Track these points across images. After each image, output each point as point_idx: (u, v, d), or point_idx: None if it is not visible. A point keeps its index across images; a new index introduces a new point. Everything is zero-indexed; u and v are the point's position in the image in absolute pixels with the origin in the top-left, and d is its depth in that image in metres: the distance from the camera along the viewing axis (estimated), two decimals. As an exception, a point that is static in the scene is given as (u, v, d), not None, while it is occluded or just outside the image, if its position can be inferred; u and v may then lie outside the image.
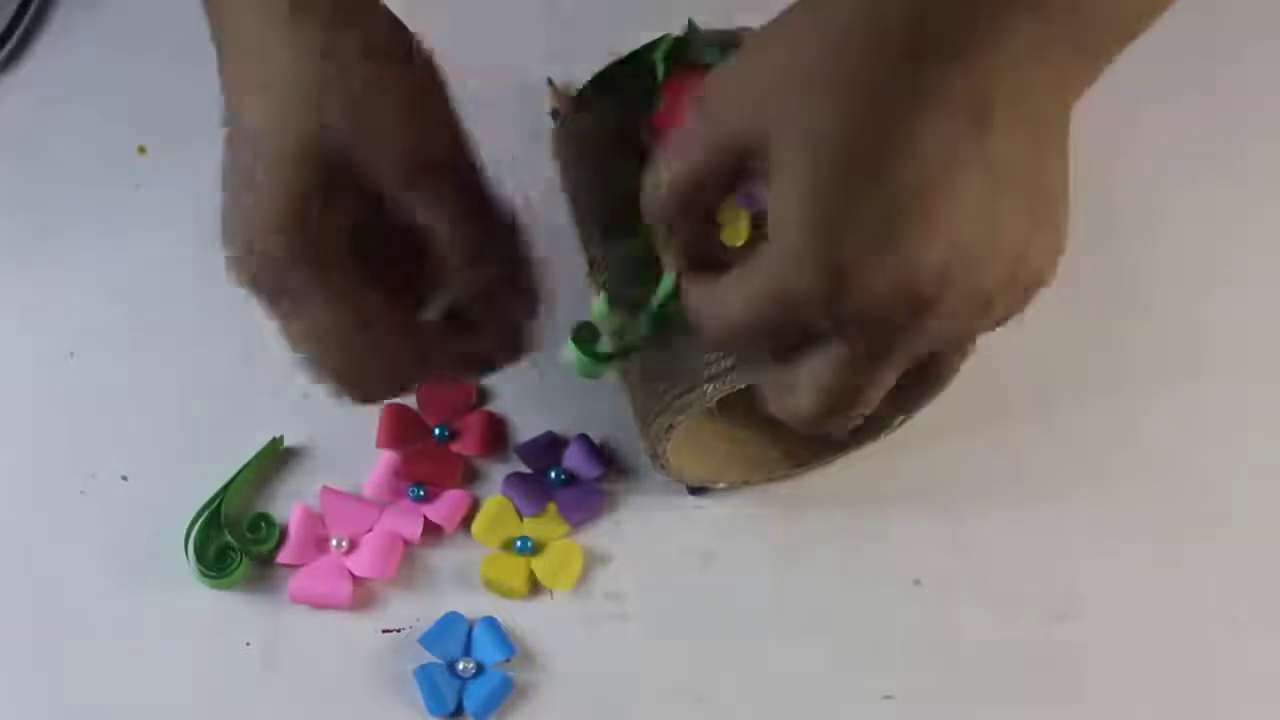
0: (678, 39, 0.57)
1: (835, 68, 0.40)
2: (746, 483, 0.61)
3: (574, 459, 0.62)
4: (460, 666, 0.58)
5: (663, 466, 0.58)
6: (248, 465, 0.61)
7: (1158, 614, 0.60)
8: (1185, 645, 0.59)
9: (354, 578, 0.59)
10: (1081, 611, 0.60)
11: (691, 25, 0.57)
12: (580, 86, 0.59)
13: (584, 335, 0.50)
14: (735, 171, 0.43)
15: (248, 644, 0.58)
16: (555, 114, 0.65)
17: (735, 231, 0.51)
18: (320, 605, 0.59)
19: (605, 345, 0.50)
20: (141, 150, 0.68)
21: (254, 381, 0.63)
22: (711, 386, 0.53)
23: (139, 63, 0.70)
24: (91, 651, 0.58)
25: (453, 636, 0.58)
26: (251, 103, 0.46)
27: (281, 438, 0.62)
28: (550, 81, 0.67)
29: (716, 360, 0.53)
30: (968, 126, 0.40)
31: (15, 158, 0.68)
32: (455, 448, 0.62)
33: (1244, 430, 0.64)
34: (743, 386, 0.53)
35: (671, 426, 0.55)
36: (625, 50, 0.59)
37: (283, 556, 0.59)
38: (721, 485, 0.61)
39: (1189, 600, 0.60)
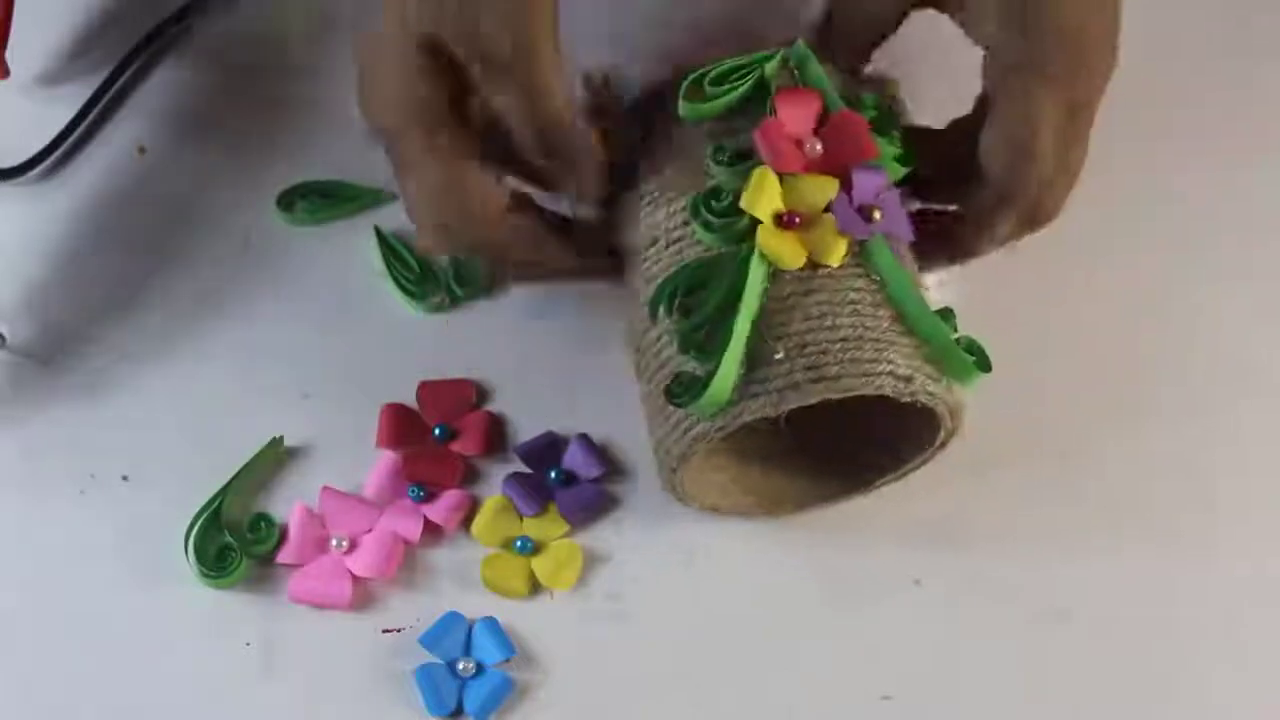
0: (783, 57, 0.57)
1: None
2: (747, 515, 0.61)
3: (574, 459, 0.62)
4: (460, 666, 0.58)
5: (676, 489, 0.58)
6: (248, 465, 0.61)
7: (1157, 614, 0.60)
8: (1184, 646, 0.59)
9: (354, 577, 0.59)
10: (1081, 611, 0.60)
11: (801, 46, 0.57)
12: (691, 77, 0.58)
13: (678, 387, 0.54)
14: None
15: (248, 644, 0.58)
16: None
17: (831, 250, 0.54)
18: (320, 605, 0.59)
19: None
20: (141, 150, 0.68)
21: (254, 381, 0.63)
22: (777, 398, 0.53)
23: (138, 62, 0.70)
24: (91, 651, 0.58)
25: (453, 636, 0.58)
26: (386, 12, 0.55)
27: (281, 437, 0.62)
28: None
29: (783, 375, 0.53)
30: None
31: (15, 156, 0.67)
32: (455, 448, 0.62)
33: (1244, 430, 0.64)
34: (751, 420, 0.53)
35: (722, 428, 0.54)
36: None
37: (283, 556, 0.59)
38: (727, 512, 0.61)
39: (1188, 601, 0.60)
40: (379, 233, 0.66)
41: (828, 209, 0.55)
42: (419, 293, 0.65)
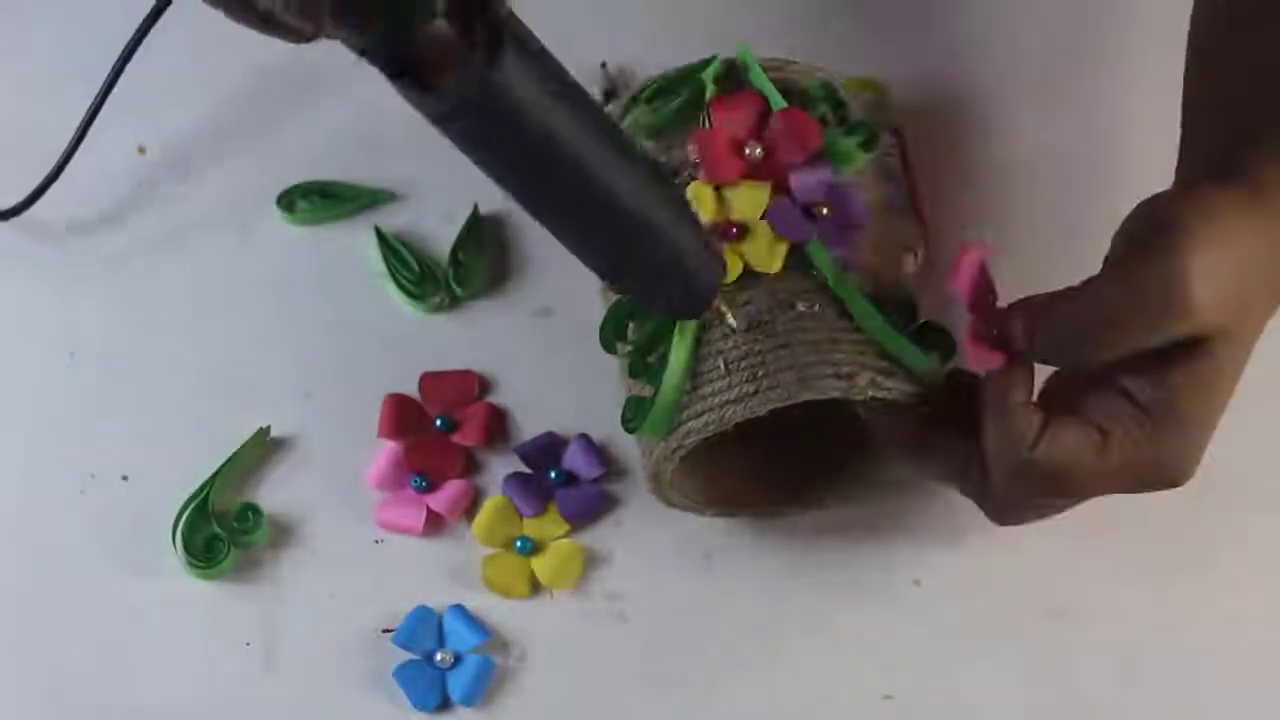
0: (726, 61, 0.57)
1: None
2: (734, 514, 0.61)
3: (574, 459, 0.62)
4: (438, 658, 0.58)
5: (662, 497, 0.58)
6: (234, 456, 0.61)
7: (1156, 615, 0.60)
8: (1184, 646, 0.59)
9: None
10: (1081, 611, 0.60)
11: (743, 52, 0.57)
12: (629, 95, 0.59)
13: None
14: (1159, 346, 0.48)
15: (248, 644, 0.58)
16: (607, 95, 0.65)
17: (768, 257, 0.53)
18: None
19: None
20: (141, 150, 0.68)
21: (256, 381, 0.63)
22: (719, 414, 0.53)
23: (137, 62, 0.70)
24: (93, 651, 0.58)
25: (425, 631, 0.58)
26: None
27: (268, 427, 0.62)
28: (604, 65, 0.67)
29: (725, 390, 0.53)
30: None
31: (16, 157, 0.67)
32: (456, 438, 0.62)
33: (1244, 430, 0.64)
34: (751, 417, 0.53)
35: (678, 449, 0.54)
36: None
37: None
38: (710, 513, 0.61)
39: (1188, 601, 0.60)
40: (379, 233, 0.66)
41: (765, 215, 0.55)
42: (419, 293, 0.65)
